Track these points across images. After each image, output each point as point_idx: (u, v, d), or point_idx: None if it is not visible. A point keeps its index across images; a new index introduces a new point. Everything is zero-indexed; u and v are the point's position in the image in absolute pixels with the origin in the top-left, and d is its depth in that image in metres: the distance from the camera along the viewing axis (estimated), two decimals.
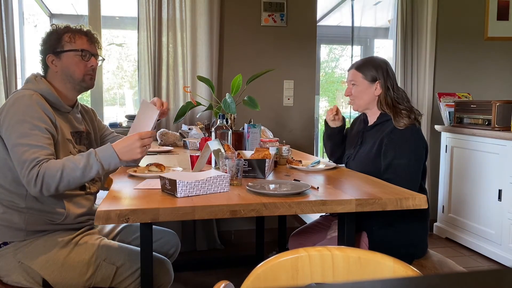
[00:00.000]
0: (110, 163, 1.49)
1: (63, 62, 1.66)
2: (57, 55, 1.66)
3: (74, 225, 1.62)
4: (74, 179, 1.45)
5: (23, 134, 1.46)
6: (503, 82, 3.68)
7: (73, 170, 1.44)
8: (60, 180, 1.43)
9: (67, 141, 1.64)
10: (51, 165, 1.43)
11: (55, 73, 1.67)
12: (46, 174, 1.42)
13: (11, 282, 1.51)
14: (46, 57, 1.67)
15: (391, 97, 1.87)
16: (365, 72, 1.90)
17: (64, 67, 1.67)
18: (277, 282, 0.89)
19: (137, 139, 1.50)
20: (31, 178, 1.41)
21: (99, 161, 1.46)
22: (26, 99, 1.52)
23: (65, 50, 1.66)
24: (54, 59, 1.66)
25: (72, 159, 1.46)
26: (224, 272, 2.76)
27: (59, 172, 1.42)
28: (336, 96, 4.23)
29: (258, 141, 2.12)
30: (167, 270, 1.63)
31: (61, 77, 1.67)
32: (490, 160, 2.98)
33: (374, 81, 1.89)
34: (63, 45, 1.66)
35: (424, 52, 3.44)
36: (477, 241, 3.10)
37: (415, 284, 0.55)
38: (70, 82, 1.68)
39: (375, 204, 1.36)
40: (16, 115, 1.49)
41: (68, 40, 1.67)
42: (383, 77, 1.88)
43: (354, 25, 3.68)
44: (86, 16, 3.13)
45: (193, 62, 3.10)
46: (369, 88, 1.90)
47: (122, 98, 3.62)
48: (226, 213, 1.27)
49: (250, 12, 3.24)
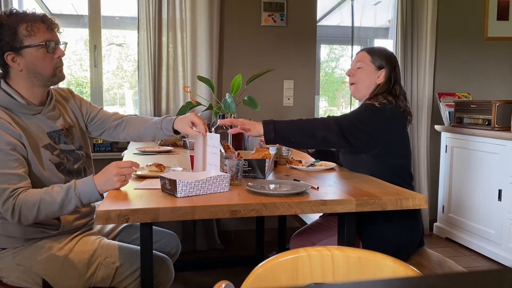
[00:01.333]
0: (91, 198, 1.41)
1: (26, 59, 1.48)
2: (16, 51, 1.47)
3: (72, 230, 1.61)
4: (52, 213, 1.40)
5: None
6: (503, 82, 3.68)
7: (51, 205, 1.37)
8: (37, 214, 1.37)
9: (42, 150, 1.51)
10: (27, 198, 1.36)
11: (18, 72, 1.50)
12: (23, 207, 1.36)
13: (11, 282, 1.51)
14: (5, 55, 1.46)
15: (388, 88, 1.85)
16: (375, 57, 1.89)
17: (28, 64, 1.49)
18: (277, 282, 0.89)
19: (114, 167, 1.40)
20: (6, 210, 1.36)
21: (78, 197, 1.39)
22: None
23: (25, 46, 1.47)
24: (14, 56, 1.47)
25: (50, 192, 1.39)
26: (224, 272, 2.76)
27: (36, 206, 1.36)
28: (336, 96, 4.23)
29: (258, 141, 2.12)
30: (167, 268, 1.62)
31: (27, 76, 1.50)
32: (490, 160, 2.98)
33: (380, 69, 1.88)
34: (22, 40, 1.46)
35: (424, 52, 3.44)
36: (477, 241, 3.10)
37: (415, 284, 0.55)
38: (38, 79, 1.52)
39: (375, 204, 1.36)
40: None
41: (26, 33, 1.46)
42: (390, 69, 1.87)
43: (354, 25, 3.68)
44: (86, 16, 3.13)
45: (193, 62, 3.10)
46: (373, 73, 1.88)
47: (122, 98, 3.62)
48: (226, 213, 1.27)
49: (250, 12, 3.24)
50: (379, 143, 1.75)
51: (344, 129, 1.68)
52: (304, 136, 1.70)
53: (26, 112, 1.52)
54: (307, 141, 1.73)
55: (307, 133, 1.69)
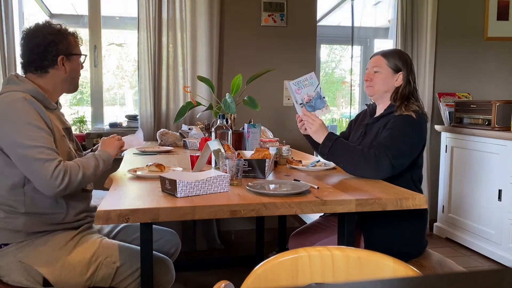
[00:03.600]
0: (110, 159, 1.68)
1: (72, 65, 1.68)
2: (68, 57, 1.66)
3: (73, 223, 1.62)
4: (90, 175, 1.55)
5: (31, 137, 1.44)
6: (503, 82, 3.68)
7: (88, 167, 1.54)
8: (83, 176, 1.50)
9: (63, 138, 1.64)
10: (70, 164, 1.50)
11: (62, 73, 1.66)
12: (72, 171, 1.47)
13: (11, 281, 1.51)
14: (59, 57, 1.64)
15: (410, 91, 1.86)
16: (391, 60, 1.88)
17: (72, 69, 1.68)
18: (277, 282, 0.89)
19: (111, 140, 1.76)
20: (57, 176, 1.43)
21: (102, 159, 1.63)
22: (20, 103, 1.49)
23: (75, 54, 1.69)
24: (65, 61, 1.66)
25: (82, 160, 1.58)
26: (224, 272, 2.76)
27: (80, 169, 1.50)
28: (336, 96, 4.23)
29: (258, 141, 2.12)
30: (168, 269, 1.63)
31: (65, 79, 1.68)
32: (490, 160, 2.98)
33: (397, 71, 1.87)
34: (73, 48, 1.68)
35: (424, 52, 3.45)
36: (477, 241, 3.10)
37: (415, 284, 0.55)
38: (70, 84, 1.70)
39: (375, 204, 1.36)
40: (16, 119, 1.46)
41: (74, 43, 1.69)
42: (407, 70, 1.87)
43: (354, 25, 3.68)
44: (86, 16, 3.13)
45: (193, 62, 3.10)
46: (391, 77, 1.88)
47: (122, 98, 3.62)
48: (226, 213, 1.27)
49: (250, 12, 3.24)
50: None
51: (397, 167, 1.68)
52: (352, 167, 1.71)
53: (49, 106, 1.64)
54: (353, 172, 1.73)
55: (356, 166, 1.69)
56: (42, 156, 1.43)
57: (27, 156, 1.43)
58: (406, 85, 1.86)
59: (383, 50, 1.95)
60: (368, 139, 1.88)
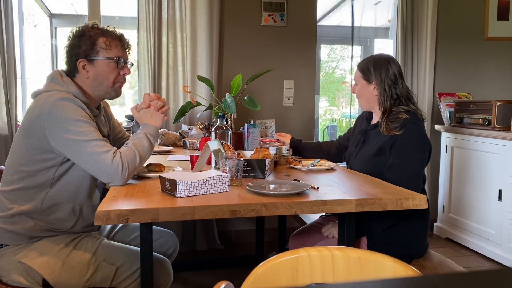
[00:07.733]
0: (156, 133, 1.64)
1: (96, 69, 1.62)
2: (90, 61, 1.61)
3: (77, 232, 1.62)
4: (145, 155, 1.54)
5: (84, 132, 1.45)
6: (503, 82, 3.68)
7: (142, 149, 1.53)
8: (140, 160, 1.51)
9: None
10: (124, 151, 1.49)
11: (85, 78, 1.62)
12: (128, 159, 1.47)
13: (11, 282, 1.51)
14: (78, 61, 1.60)
15: (388, 99, 1.85)
16: (365, 72, 1.90)
17: (96, 74, 1.62)
18: (277, 282, 0.89)
19: (150, 109, 1.66)
20: (117, 166, 1.44)
21: (152, 136, 1.60)
22: (68, 101, 1.48)
23: (99, 57, 1.61)
24: (86, 64, 1.61)
25: (135, 142, 1.55)
26: (224, 272, 2.75)
27: (136, 153, 1.50)
28: (336, 96, 4.23)
29: (258, 141, 2.12)
30: (166, 270, 1.63)
31: (92, 83, 1.63)
32: (490, 160, 2.98)
33: (370, 82, 1.89)
34: (98, 51, 1.61)
35: (424, 52, 3.44)
36: (477, 241, 3.10)
37: (415, 284, 0.55)
38: (99, 89, 1.65)
39: (375, 204, 1.36)
40: (67, 116, 1.46)
41: (103, 46, 1.61)
42: (380, 78, 1.85)
43: (354, 25, 3.68)
44: (86, 16, 3.12)
45: (193, 62, 3.10)
46: (367, 88, 1.91)
47: (122, 98, 3.61)
48: (226, 213, 1.26)
49: (250, 12, 3.24)
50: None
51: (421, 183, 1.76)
52: None
53: (90, 111, 1.61)
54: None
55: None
56: (97, 150, 1.44)
57: (82, 153, 1.44)
58: (383, 93, 1.85)
59: (361, 61, 1.97)
60: (367, 147, 1.90)
